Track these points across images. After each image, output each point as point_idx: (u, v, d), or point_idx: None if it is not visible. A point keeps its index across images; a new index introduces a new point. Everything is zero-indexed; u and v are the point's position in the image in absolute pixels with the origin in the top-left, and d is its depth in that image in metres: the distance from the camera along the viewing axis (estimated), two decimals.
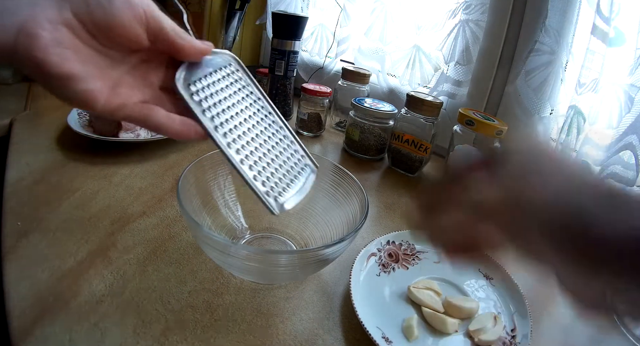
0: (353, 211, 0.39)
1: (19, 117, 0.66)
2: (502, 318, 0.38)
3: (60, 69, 0.21)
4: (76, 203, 0.46)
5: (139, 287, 0.36)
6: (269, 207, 0.27)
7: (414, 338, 0.35)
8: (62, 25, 0.21)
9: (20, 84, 0.82)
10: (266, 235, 0.45)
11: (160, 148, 0.62)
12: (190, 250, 0.42)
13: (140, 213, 0.46)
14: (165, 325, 0.33)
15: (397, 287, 0.41)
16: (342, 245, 0.32)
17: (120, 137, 0.58)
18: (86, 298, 0.34)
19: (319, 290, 0.39)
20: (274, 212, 0.27)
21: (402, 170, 0.68)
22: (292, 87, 0.82)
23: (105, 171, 0.54)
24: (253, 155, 0.28)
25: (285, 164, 0.30)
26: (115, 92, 0.24)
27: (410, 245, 0.47)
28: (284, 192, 0.29)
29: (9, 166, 0.52)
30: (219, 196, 0.43)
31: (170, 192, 0.51)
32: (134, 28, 0.23)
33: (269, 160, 0.29)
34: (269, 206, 0.27)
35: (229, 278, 0.39)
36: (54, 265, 0.37)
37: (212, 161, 0.41)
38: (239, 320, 0.34)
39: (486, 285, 0.43)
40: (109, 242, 0.41)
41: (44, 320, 0.31)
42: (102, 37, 0.22)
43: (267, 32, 1.00)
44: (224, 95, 0.28)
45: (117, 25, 0.22)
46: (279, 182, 0.29)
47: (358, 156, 0.72)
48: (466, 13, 0.68)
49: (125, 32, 0.22)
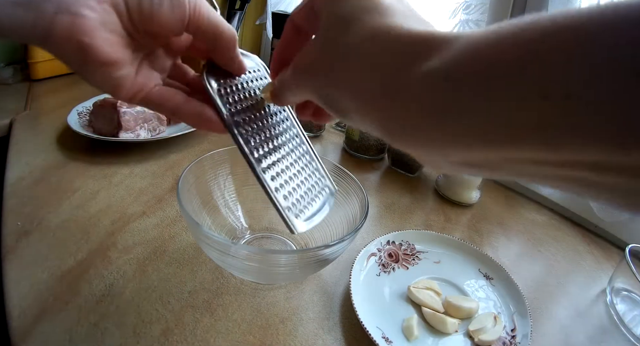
0: (353, 211, 0.39)
1: (19, 117, 0.66)
2: (502, 318, 0.38)
3: (106, 55, 0.19)
4: (76, 203, 0.46)
5: (139, 287, 0.36)
6: (290, 225, 0.26)
7: (414, 338, 0.35)
8: (110, 5, 0.19)
9: (20, 83, 0.82)
10: (266, 235, 0.45)
11: (160, 148, 0.62)
12: (190, 250, 0.42)
13: (140, 213, 0.46)
14: (165, 325, 0.33)
15: (397, 287, 0.41)
16: (342, 245, 0.32)
17: (120, 137, 0.58)
18: (86, 298, 0.34)
19: (319, 290, 0.39)
20: (294, 231, 0.26)
21: (402, 170, 0.68)
22: None
23: (105, 171, 0.54)
24: (276, 166, 0.27)
25: (306, 182, 0.29)
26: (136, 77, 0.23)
27: (410, 245, 0.47)
28: (304, 211, 0.28)
29: (9, 166, 0.52)
30: (219, 196, 0.43)
31: (170, 192, 0.51)
32: (177, 25, 0.21)
33: (292, 175, 0.28)
34: (290, 224, 0.26)
35: (229, 278, 0.39)
36: (54, 265, 0.37)
37: (212, 161, 0.41)
38: (239, 320, 0.34)
39: (486, 285, 0.43)
40: (109, 242, 0.41)
41: (44, 320, 0.31)
42: (140, 24, 0.21)
43: (267, 32, 1.00)
44: (250, 102, 0.26)
45: (162, 17, 0.20)
46: (301, 199, 0.28)
47: (358, 156, 0.72)
48: (466, 13, 0.68)
49: (166, 26, 0.21)
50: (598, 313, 0.43)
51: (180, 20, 0.21)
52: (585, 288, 0.47)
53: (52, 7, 0.18)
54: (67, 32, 0.18)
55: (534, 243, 0.54)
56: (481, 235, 0.53)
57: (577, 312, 0.42)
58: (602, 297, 0.45)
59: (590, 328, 0.41)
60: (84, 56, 0.19)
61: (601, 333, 0.40)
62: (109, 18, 0.19)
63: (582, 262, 0.51)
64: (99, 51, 0.19)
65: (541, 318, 0.40)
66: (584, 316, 0.42)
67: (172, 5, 0.20)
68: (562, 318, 0.41)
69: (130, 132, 0.60)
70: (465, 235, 0.53)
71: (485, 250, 0.49)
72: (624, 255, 0.43)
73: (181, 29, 0.22)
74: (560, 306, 0.43)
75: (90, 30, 0.18)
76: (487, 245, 0.51)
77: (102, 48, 0.19)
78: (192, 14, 0.21)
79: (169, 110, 0.24)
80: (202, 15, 0.22)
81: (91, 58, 0.19)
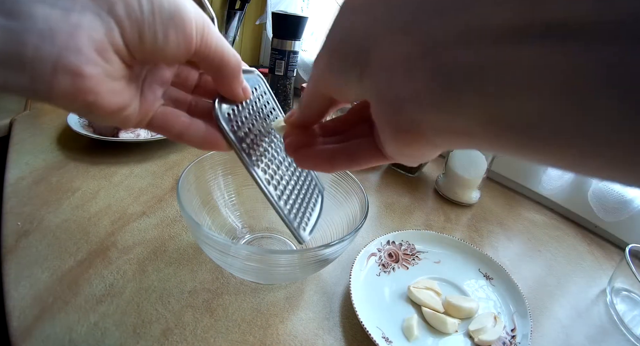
0: (353, 211, 0.39)
1: (19, 117, 0.66)
2: (502, 318, 0.38)
3: (113, 105, 0.18)
4: (76, 203, 0.46)
5: (139, 287, 0.36)
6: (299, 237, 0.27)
7: (414, 338, 0.35)
8: (114, 53, 0.17)
9: None
10: (266, 235, 0.45)
11: (160, 148, 0.62)
12: (190, 250, 0.42)
13: (140, 213, 0.46)
14: (165, 325, 0.33)
15: (397, 287, 0.41)
16: (342, 245, 0.32)
17: (120, 137, 0.58)
18: (86, 298, 0.34)
19: (319, 290, 0.39)
20: (301, 241, 0.27)
21: (402, 170, 0.68)
22: (292, 87, 0.82)
23: (105, 171, 0.54)
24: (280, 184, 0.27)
25: (303, 189, 0.30)
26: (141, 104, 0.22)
27: (410, 245, 0.47)
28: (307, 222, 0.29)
29: (9, 166, 0.52)
30: (219, 196, 0.43)
31: (170, 192, 0.51)
32: (182, 58, 0.20)
33: (291, 188, 0.28)
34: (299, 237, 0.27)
35: (229, 278, 0.39)
36: (54, 265, 0.37)
37: (212, 161, 0.41)
38: (239, 320, 0.34)
39: (486, 285, 0.43)
40: (109, 242, 0.41)
41: (44, 320, 0.31)
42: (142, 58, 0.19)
43: (267, 32, 1.00)
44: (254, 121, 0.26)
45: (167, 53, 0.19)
46: (300, 207, 0.28)
47: None
48: None
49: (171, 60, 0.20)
50: (598, 313, 0.43)
51: (186, 52, 0.20)
52: (585, 288, 0.47)
53: (48, 69, 0.15)
54: (69, 93, 0.16)
55: (534, 243, 0.54)
56: (481, 235, 0.53)
57: (577, 312, 0.42)
58: (602, 297, 0.45)
59: (590, 328, 0.41)
60: (90, 110, 0.18)
61: (601, 333, 0.40)
62: (111, 68, 0.17)
63: (582, 262, 0.51)
64: (105, 104, 0.18)
65: (541, 318, 0.40)
66: (584, 316, 0.42)
67: (177, 40, 0.19)
68: (562, 318, 0.41)
69: (130, 132, 0.60)
70: (465, 235, 0.53)
71: (485, 250, 0.49)
72: (624, 255, 0.43)
73: (186, 59, 0.20)
74: (560, 306, 0.43)
75: (95, 87, 0.17)
76: (487, 245, 0.51)
77: (107, 100, 0.18)
78: (198, 45, 0.20)
79: (174, 136, 0.23)
80: (209, 44, 0.20)
81: (98, 111, 0.18)
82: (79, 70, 0.16)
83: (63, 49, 0.15)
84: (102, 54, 0.17)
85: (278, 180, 0.27)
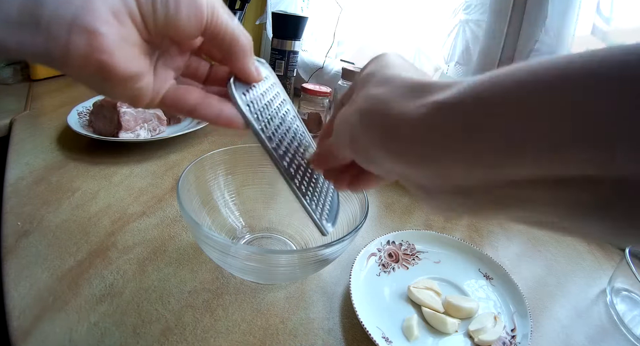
0: (353, 211, 0.39)
1: (19, 117, 0.66)
2: (502, 318, 0.38)
3: (128, 70, 0.18)
4: (76, 203, 0.46)
5: (139, 287, 0.36)
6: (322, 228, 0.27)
7: (414, 338, 0.35)
8: (128, 16, 0.18)
9: (20, 83, 0.83)
10: (266, 235, 0.45)
11: (160, 148, 0.62)
12: (190, 250, 0.42)
13: (140, 213, 0.46)
14: (165, 325, 0.33)
15: (397, 287, 0.41)
16: (342, 245, 0.32)
17: (120, 137, 0.58)
18: (86, 298, 0.34)
19: (319, 290, 0.39)
20: (325, 233, 0.27)
21: None
22: (292, 87, 0.82)
23: (105, 171, 0.54)
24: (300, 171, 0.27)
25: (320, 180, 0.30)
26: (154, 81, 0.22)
27: (410, 245, 0.47)
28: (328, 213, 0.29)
29: (9, 166, 0.52)
30: (219, 196, 0.43)
31: (170, 192, 0.51)
32: (193, 32, 0.20)
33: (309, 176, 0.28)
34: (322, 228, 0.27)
35: (229, 278, 0.39)
36: (54, 265, 0.37)
37: (212, 161, 0.41)
38: (239, 320, 0.34)
39: (486, 285, 0.43)
40: (109, 242, 0.41)
41: (44, 320, 0.31)
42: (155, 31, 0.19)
43: (267, 32, 1.00)
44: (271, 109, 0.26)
45: (179, 25, 0.19)
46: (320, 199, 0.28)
47: None
48: (466, 13, 0.68)
49: (182, 33, 0.20)
50: (598, 313, 0.43)
51: (197, 27, 0.20)
52: (585, 288, 0.47)
53: (64, 29, 0.16)
54: (84, 52, 0.17)
55: (534, 243, 0.54)
56: (481, 235, 0.53)
57: (577, 312, 0.42)
58: (602, 297, 0.45)
59: (590, 328, 0.41)
60: (105, 74, 0.18)
61: (601, 333, 0.40)
62: (126, 30, 0.18)
63: (582, 262, 0.51)
64: (120, 67, 0.18)
65: (541, 318, 0.40)
66: (584, 316, 0.42)
67: (189, 12, 0.19)
68: (562, 318, 0.41)
69: (130, 132, 0.60)
70: (465, 235, 0.53)
71: (485, 250, 0.49)
72: (624, 255, 0.43)
73: (197, 34, 0.21)
74: (560, 306, 0.43)
75: (110, 47, 0.17)
76: (487, 245, 0.51)
77: (123, 64, 0.18)
78: (209, 21, 0.20)
79: (186, 111, 0.23)
80: (220, 22, 0.21)
81: (112, 75, 0.18)
82: (94, 28, 0.16)
83: (79, 9, 0.16)
84: (117, 16, 0.17)
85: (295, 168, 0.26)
